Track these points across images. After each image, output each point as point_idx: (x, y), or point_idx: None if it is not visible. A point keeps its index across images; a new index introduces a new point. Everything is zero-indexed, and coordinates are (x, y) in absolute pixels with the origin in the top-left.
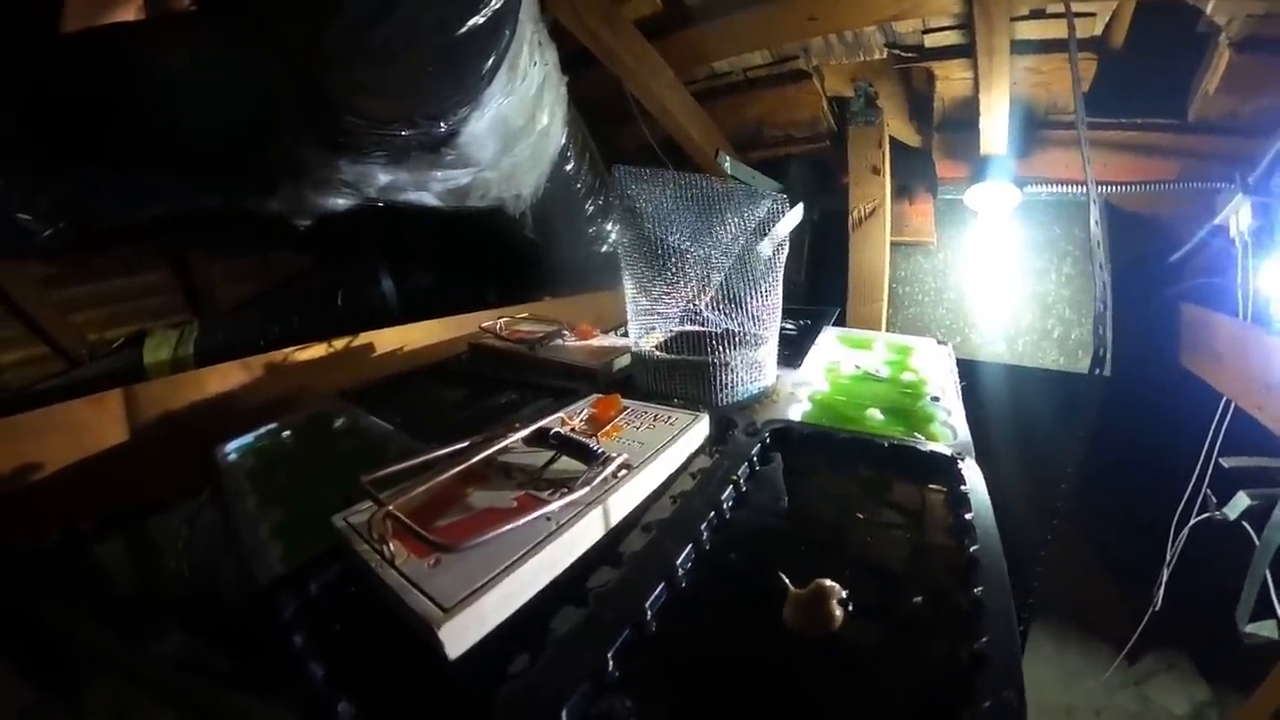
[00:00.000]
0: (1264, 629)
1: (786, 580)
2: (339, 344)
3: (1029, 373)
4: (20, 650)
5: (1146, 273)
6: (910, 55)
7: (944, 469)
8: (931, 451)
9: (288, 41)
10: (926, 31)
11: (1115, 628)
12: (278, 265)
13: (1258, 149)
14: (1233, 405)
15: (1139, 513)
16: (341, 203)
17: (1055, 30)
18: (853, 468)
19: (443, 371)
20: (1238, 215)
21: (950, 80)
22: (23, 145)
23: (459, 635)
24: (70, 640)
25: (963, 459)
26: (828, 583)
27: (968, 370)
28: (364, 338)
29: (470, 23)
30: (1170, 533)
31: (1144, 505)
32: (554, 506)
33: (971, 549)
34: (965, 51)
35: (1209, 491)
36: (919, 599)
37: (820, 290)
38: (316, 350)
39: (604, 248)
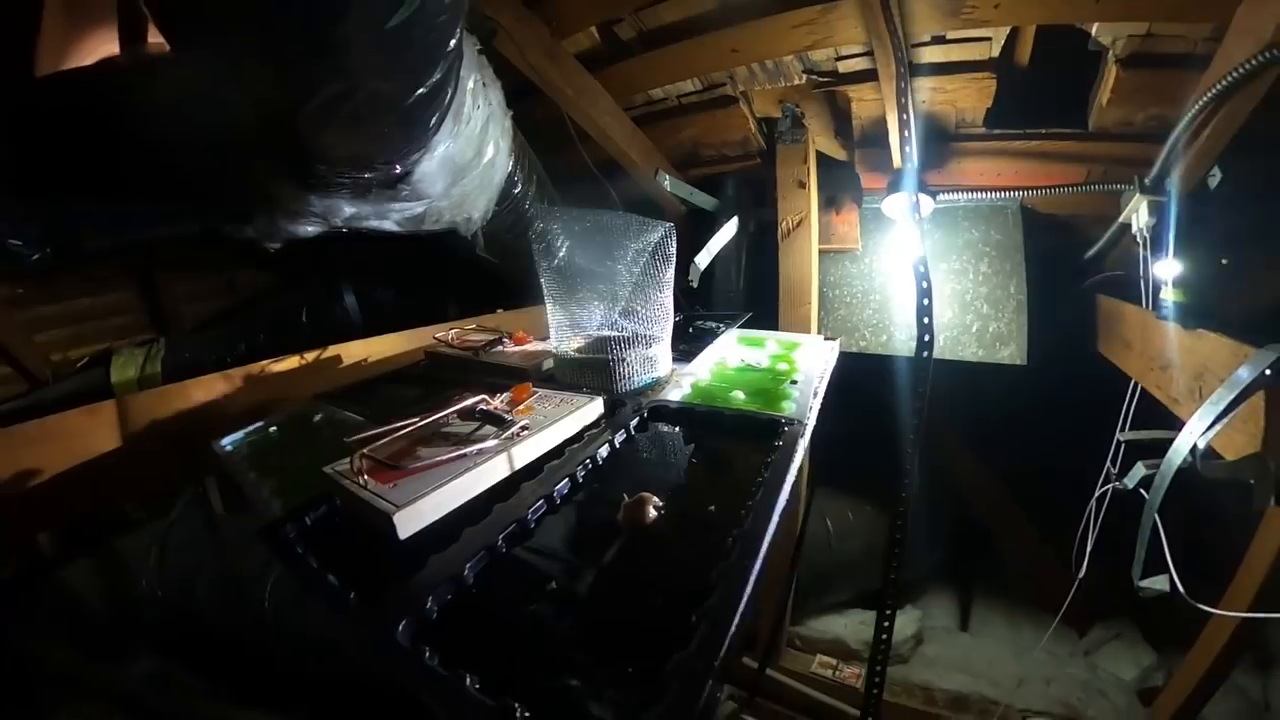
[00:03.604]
0: (1156, 583)
1: (625, 496)
2: (310, 356)
3: (949, 365)
4: None
5: (1062, 269)
6: (826, 79)
7: (772, 430)
8: (765, 418)
9: (269, 113)
10: (839, 59)
11: (1060, 600)
12: (242, 283)
13: (1153, 152)
14: (1139, 387)
15: (1068, 489)
16: (311, 230)
17: (955, 54)
18: (706, 433)
19: (403, 375)
20: (1138, 213)
21: (864, 101)
22: (13, 176)
23: (407, 523)
24: (41, 665)
25: (788, 424)
26: (647, 494)
27: (891, 365)
28: (333, 349)
29: (417, 92)
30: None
31: (1072, 482)
32: (472, 449)
33: (760, 478)
34: (874, 75)
35: (1110, 465)
36: (712, 508)
37: (756, 297)
38: (290, 362)
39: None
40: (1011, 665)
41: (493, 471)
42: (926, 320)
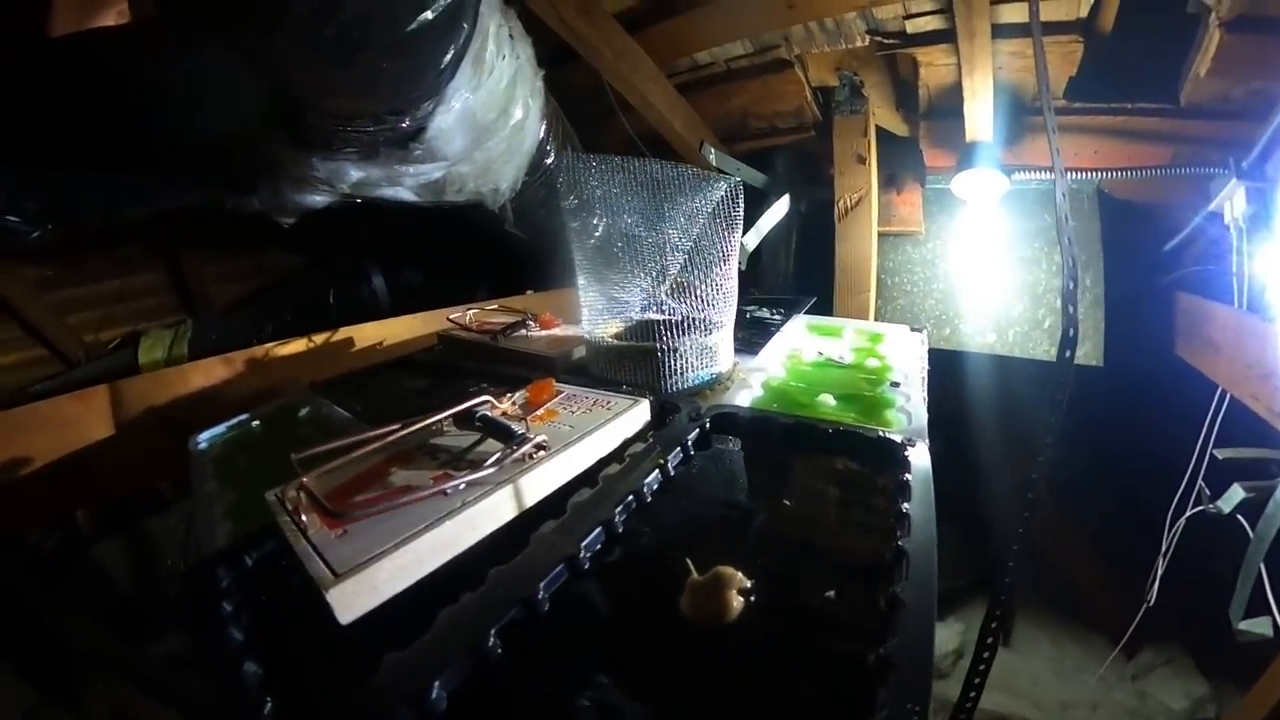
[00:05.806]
0: (1258, 625)
1: (691, 566)
2: (319, 339)
3: (1021, 364)
4: (22, 652)
5: (1140, 262)
6: (893, 41)
7: (890, 455)
8: (879, 437)
9: (245, 43)
10: (908, 17)
11: (1112, 622)
12: (271, 266)
13: (1251, 132)
14: (1228, 396)
15: (1134, 506)
16: (319, 199)
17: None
18: (795, 454)
19: (411, 363)
20: (1232, 201)
21: (934, 66)
22: (6, 148)
23: (349, 601)
24: (69, 641)
25: (911, 445)
26: (728, 570)
27: (958, 361)
28: (344, 332)
29: (421, 18)
30: (1165, 526)
31: (1139, 498)
32: (457, 483)
33: (900, 542)
34: (947, 36)
35: (1203, 484)
36: (831, 593)
37: (807, 282)
38: (298, 345)
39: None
40: (1055, 687)
41: (489, 514)
42: (1071, 310)
